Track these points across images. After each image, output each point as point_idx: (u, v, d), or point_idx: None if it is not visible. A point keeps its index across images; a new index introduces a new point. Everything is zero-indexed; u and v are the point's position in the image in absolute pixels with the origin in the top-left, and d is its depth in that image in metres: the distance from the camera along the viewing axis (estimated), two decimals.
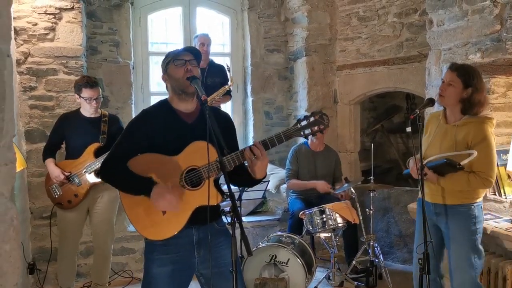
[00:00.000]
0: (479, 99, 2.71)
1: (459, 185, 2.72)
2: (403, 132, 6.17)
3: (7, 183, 1.31)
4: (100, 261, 3.79)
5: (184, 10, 5.35)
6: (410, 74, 4.73)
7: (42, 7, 4.28)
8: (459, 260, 2.75)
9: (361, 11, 5.04)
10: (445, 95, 2.74)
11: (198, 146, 2.13)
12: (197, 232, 2.22)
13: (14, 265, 1.22)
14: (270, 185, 5.05)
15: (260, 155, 2.12)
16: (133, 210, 2.20)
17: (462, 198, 2.75)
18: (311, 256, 3.82)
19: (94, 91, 3.60)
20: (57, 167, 3.58)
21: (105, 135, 3.63)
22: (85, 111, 3.67)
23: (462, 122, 2.73)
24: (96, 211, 3.70)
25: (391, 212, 4.86)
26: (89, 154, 3.58)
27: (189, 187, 2.17)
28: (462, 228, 2.74)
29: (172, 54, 2.27)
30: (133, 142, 2.21)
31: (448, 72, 2.76)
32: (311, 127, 2.16)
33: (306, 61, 5.20)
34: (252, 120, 5.51)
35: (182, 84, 2.20)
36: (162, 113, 2.26)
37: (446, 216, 2.78)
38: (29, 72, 4.31)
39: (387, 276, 3.96)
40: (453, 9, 3.62)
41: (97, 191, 3.66)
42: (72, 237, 3.70)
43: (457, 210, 2.75)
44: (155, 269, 2.20)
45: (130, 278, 4.42)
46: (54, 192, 3.62)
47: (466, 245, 2.73)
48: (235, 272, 1.97)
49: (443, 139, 2.79)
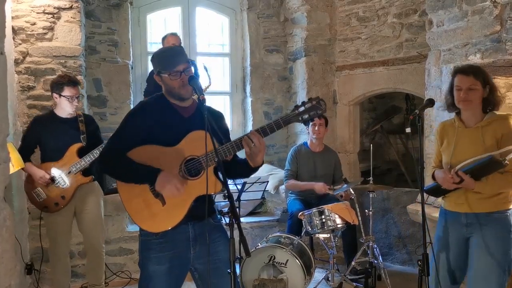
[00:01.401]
0: (498, 95, 2.66)
1: (500, 186, 2.57)
2: (402, 133, 6.17)
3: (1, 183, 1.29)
4: (94, 261, 3.75)
5: (183, 10, 5.34)
6: (410, 74, 4.72)
7: (40, 6, 4.27)
8: (486, 268, 2.57)
9: (361, 12, 5.03)
10: (471, 100, 2.61)
11: (197, 136, 2.14)
12: (193, 229, 2.23)
13: (7, 266, 1.20)
14: (269, 185, 5.04)
15: (258, 143, 2.12)
16: (131, 202, 2.20)
17: (497, 204, 2.61)
18: (310, 257, 3.80)
19: (76, 89, 3.54)
20: (39, 169, 3.50)
21: (85, 135, 3.57)
22: (62, 111, 3.57)
23: (485, 122, 2.63)
24: (86, 211, 3.65)
25: (391, 213, 4.85)
26: (72, 154, 3.51)
27: (188, 176, 2.17)
28: (498, 237, 2.58)
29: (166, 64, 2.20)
30: (132, 133, 2.21)
31: (463, 78, 2.62)
32: (309, 112, 2.15)
33: (306, 62, 5.19)
34: (251, 120, 5.49)
35: (177, 92, 2.22)
36: (159, 106, 2.26)
37: (480, 225, 2.60)
38: (27, 72, 4.30)
39: (386, 277, 3.94)
40: (453, 10, 3.60)
41: (83, 191, 3.61)
42: (63, 239, 3.64)
43: (493, 217, 2.60)
44: (152, 267, 2.21)
45: (128, 279, 4.40)
46: (38, 196, 3.53)
47: (499, 253, 2.55)
48: (233, 273, 1.96)
49: (470, 143, 2.65)
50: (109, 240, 4.47)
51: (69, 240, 3.75)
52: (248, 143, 2.12)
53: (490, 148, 2.56)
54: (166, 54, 2.27)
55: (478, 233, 2.61)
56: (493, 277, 2.55)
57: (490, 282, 2.55)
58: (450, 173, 2.58)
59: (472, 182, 2.55)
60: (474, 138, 2.64)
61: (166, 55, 2.26)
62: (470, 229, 2.65)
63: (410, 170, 5.93)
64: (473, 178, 2.54)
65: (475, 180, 2.55)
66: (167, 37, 4.55)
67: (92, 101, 4.82)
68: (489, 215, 2.60)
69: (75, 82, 3.56)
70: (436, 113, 3.79)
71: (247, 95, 5.56)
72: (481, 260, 2.58)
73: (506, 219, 2.60)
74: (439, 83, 3.82)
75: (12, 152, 3.21)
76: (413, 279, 3.84)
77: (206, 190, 2.07)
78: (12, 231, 1.36)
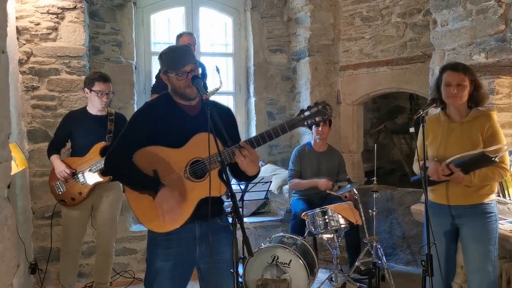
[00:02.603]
0: (483, 91, 2.80)
1: (486, 179, 2.71)
2: (406, 133, 6.15)
3: (1, 182, 1.30)
4: (102, 260, 3.78)
5: (187, 10, 5.34)
6: (414, 74, 4.70)
7: (44, 6, 4.28)
8: (481, 259, 2.72)
9: (365, 11, 5.02)
10: (461, 96, 2.73)
11: (202, 138, 2.14)
12: (199, 228, 2.24)
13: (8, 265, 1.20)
14: (273, 185, 5.03)
15: (249, 154, 2.12)
16: (138, 203, 2.22)
17: (482, 196, 2.75)
18: (313, 257, 3.80)
19: (107, 85, 3.60)
20: (63, 163, 3.58)
21: (112, 134, 3.62)
22: (93, 107, 3.65)
23: (471, 117, 2.76)
24: (101, 209, 3.70)
25: (394, 213, 4.83)
26: (95, 152, 3.56)
27: (193, 178, 2.19)
28: (487, 227, 2.73)
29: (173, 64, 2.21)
30: (137, 135, 2.22)
31: (452, 74, 2.73)
32: (315, 117, 2.15)
33: (309, 62, 5.18)
34: (255, 120, 5.49)
35: (183, 92, 2.22)
36: (165, 106, 2.27)
37: (467, 216, 2.76)
38: (31, 72, 4.31)
39: (389, 278, 3.92)
40: (457, 9, 3.59)
41: (102, 189, 3.65)
42: (76, 235, 3.69)
43: (478, 209, 2.74)
44: (159, 263, 2.23)
45: (131, 279, 4.41)
46: (58, 189, 3.60)
47: (488, 243, 2.72)
48: (235, 273, 1.98)
49: (457, 138, 2.77)
50: None
51: (82, 237, 3.77)
52: (239, 156, 2.12)
53: (476, 143, 2.70)
54: (174, 54, 2.26)
55: (466, 225, 2.76)
56: (489, 264, 2.70)
57: (487, 270, 2.70)
58: (440, 166, 2.69)
59: (461, 176, 2.67)
60: (460, 133, 2.76)
61: (174, 55, 2.25)
62: (457, 221, 2.80)
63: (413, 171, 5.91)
64: (462, 171, 2.67)
65: (465, 173, 2.67)
66: (182, 35, 4.58)
67: None
68: (475, 206, 2.74)
69: (106, 78, 3.61)
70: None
71: (251, 95, 5.56)
72: (477, 250, 2.73)
73: (490, 209, 2.74)
74: None
75: (17, 152, 3.23)
76: (417, 280, 3.82)
77: (209, 193, 2.08)
78: (14, 230, 1.36)
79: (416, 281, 4.08)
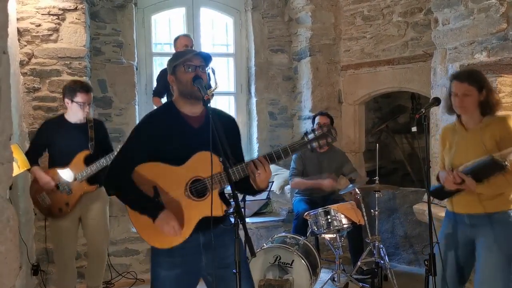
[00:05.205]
0: (496, 98, 2.70)
1: (500, 187, 2.58)
2: (408, 132, 6.13)
3: (3, 183, 1.29)
4: (95, 265, 3.73)
5: (188, 11, 5.34)
6: (415, 73, 4.69)
7: (45, 8, 4.28)
8: (491, 270, 2.58)
9: (366, 11, 5.01)
10: (466, 106, 2.66)
11: (203, 157, 2.11)
12: (203, 236, 2.21)
13: (10, 266, 1.20)
14: (274, 186, 5.03)
15: (264, 170, 2.10)
16: (139, 219, 2.18)
17: (499, 205, 2.62)
18: (316, 257, 3.79)
19: (89, 96, 3.51)
20: (46, 175, 3.47)
21: (93, 142, 3.54)
22: (73, 116, 3.54)
23: (484, 124, 2.66)
24: (90, 217, 3.62)
25: (397, 213, 4.83)
26: (79, 162, 3.48)
27: (194, 197, 2.16)
28: (502, 237, 2.59)
29: (181, 57, 2.21)
30: (139, 148, 2.19)
31: (458, 84, 2.67)
32: (318, 140, 2.11)
33: (310, 61, 5.18)
34: (256, 120, 5.49)
35: (190, 89, 2.17)
36: (168, 117, 2.23)
37: (484, 226, 2.63)
38: (32, 73, 4.31)
39: (392, 278, 3.92)
40: (459, 8, 3.58)
41: (88, 198, 3.58)
42: (67, 244, 3.60)
43: (495, 218, 2.61)
44: (163, 272, 2.20)
45: (134, 280, 4.41)
46: (43, 201, 3.52)
47: (504, 254, 2.57)
48: (238, 273, 1.96)
49: (470, 146, 2.68)
50: (114, 241, 4.48)
51: (75, 245, 3.72)
52: (253, 170, 2.10)
53: (490, 150, 2.57)
54: (182, 53, 2.30)
55: (483, 234, 2.62)
56: (500, 276, 2.55)
57: (497, 282, 2.55)
58: (452, 174, 2.60)
59: (473, 183, 2.55)
60: (473, 140, 2.67)
61: (182, 53, 2.30)
62: (474, 230, 2.66)
63: (416, 170, 5.90)
64: (474, 179, 2.55)
65: (477, 181, 2.55)
66: (179, 37, 4.55)
67: (97, 102, 4.82)
68: (491, 215, 2.61)
69: (88, 89, 3.52)
70: (442, 112, 3.77)
71: (252, 95, 5.55)
72: (487, 260, 2.58)
73: (508, 218, 2.60)
74: (445, 82, 3.79)
75: (18, 153, 3.22)
76: (419, 279, 3.81)
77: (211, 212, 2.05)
78: (16, 231, 1.36)
79: (418, 280, 4.07)
